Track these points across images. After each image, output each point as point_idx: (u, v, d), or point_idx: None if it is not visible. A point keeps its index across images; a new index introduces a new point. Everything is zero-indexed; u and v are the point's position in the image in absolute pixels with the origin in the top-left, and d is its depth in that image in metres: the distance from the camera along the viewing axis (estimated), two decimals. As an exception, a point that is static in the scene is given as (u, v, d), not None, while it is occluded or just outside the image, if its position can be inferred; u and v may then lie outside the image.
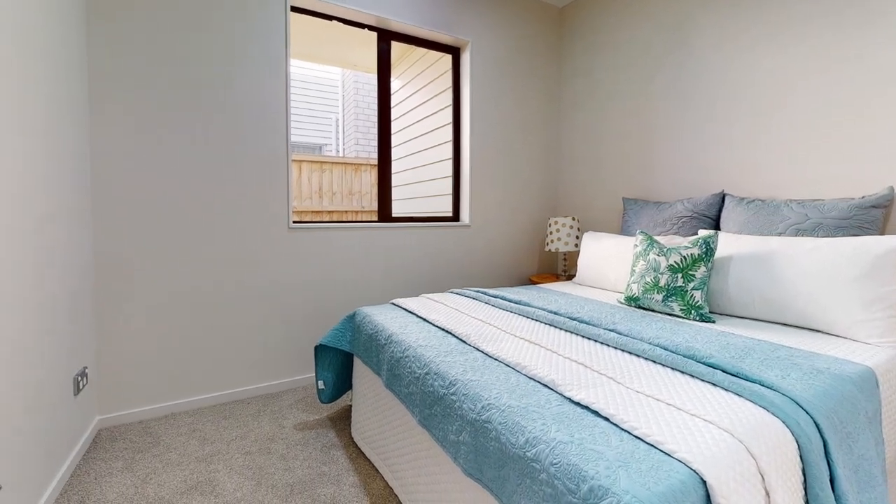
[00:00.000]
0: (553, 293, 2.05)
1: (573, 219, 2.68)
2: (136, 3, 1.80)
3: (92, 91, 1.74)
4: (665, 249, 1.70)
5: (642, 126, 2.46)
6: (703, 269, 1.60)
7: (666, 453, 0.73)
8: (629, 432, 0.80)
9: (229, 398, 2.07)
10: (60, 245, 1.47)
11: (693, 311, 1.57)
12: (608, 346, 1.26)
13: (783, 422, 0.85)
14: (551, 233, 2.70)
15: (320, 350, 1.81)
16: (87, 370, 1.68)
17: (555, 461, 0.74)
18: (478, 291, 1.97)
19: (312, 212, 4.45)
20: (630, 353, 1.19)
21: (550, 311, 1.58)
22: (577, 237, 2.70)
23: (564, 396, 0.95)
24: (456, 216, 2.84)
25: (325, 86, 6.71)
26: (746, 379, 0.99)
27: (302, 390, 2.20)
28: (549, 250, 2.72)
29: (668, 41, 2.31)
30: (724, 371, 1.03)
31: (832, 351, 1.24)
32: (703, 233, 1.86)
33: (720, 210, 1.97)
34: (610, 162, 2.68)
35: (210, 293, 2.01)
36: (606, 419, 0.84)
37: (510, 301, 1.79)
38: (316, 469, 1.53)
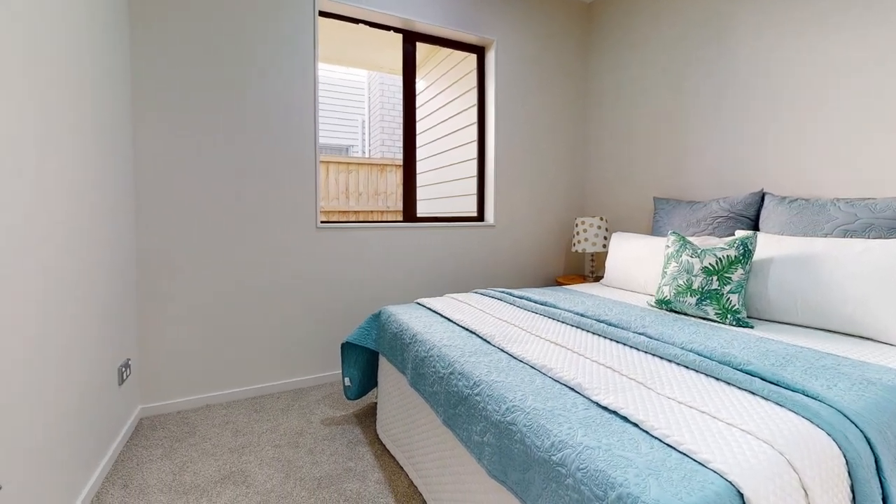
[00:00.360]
0: (580, 295, 2.01)
1: (601, 219, 2.62)
2: (175, 11, 1.89)
3: (135, 95, 1.84)
4: (699, 251, 1.64)
5: (674, 123, 2.38)
6: (740, 271, 1.52)
7: (700, 463, 0.70)
8: (660, 440, 0.77)
9: (260, 392, 2.14)
10: (107, 242, 1.56)
11: (729, 316, 1.51)
12: (637, 349, 1.22)
13: (829, 434, 0.80)
14: (578, 233, 2.65)
15: (346, 348, 1.85)
16: (130, 361, 1.78)
17: (581, 466, 0.73)
18: (502, 292, 1.95)
19: (339, 212, 4.55)
20: (661, 357, 1.15)
21: (577, 313, 1.55)
22: (606, 238, 2.63)
23: (591, 400, 0.93)
24: (481, 216, 2.83)
25: (351, 88, 6.84)
26: (788, 388, 0.94)
27: (329, 386, 2.25)
28: (576, 251, 2.67)
29: (702, 35, 2.22)
30: (763, 379, 0.98)
31: (885, 360, 1.16)
32: (740, 233, 1.78)
33: (759, 210, 1.88)
34: (640, 160, 2.60)
35: (242, 291, 2.09)
36: (636, 425, 0.82)
37: (536, 302, 1.77)
38: (342, 464, 1.56)
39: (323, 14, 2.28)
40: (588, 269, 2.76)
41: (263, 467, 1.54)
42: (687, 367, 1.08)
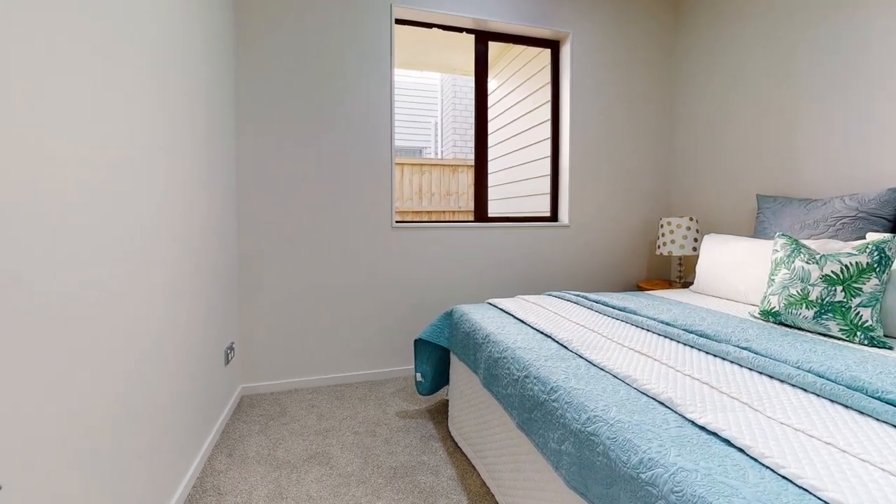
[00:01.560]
0: (665, 301, 1.85)
1: (691, 219, 2.39)
2: (271, 33, 2.10)
3: (237, 110, 2.08)
4: (817, 256, 1.42)
5: (782, 110, 2.09)
6: (874, 281, 1.29)
7: (825, 502, 0.61)
8: (772, 469, 0.68)
9: (341, 381, 2.30)
10: (216, 243, 1.79)
11: (860, 333, 1.28)
12: (739, 365, 1.09)
13: None
14: (663, 234, 2.45)
15: (419, 344, 1.91)
16: (233, 345, 2.01)
17: (676, 489, 0.67)
18: (578, 295, 1.87)
19: (413, 212, 4.70)
20: (770, 376, 1.02)
21: (663, 322, 1.43)
22: (696, 239, 2.40)
23: (686, 418, 0.85)
24: (554, 216, 2.74)
25: (424, 91, 7.04)
26: (946, 425, 0.78)
27: (402, 380, 2.34)
28: (661, 254, 2.46)
29: (816, 10, 1.91)
30: (909, 411, 0.82)
31: None
32: (873, 237, 1.51)
33: (900, 208, 1.57)
34: (739, 154, 2.32)
35: (325, 286, 2.26)
36: (741, 450, 0.74)
37: (614, 308, 1.67)
38: (416, 457, 1.61)
39: (399, 21, 2.38)
40: (675, 273, 2.54)
41: (345, 451, 1.65)
42: (805, 390, 0.94)
